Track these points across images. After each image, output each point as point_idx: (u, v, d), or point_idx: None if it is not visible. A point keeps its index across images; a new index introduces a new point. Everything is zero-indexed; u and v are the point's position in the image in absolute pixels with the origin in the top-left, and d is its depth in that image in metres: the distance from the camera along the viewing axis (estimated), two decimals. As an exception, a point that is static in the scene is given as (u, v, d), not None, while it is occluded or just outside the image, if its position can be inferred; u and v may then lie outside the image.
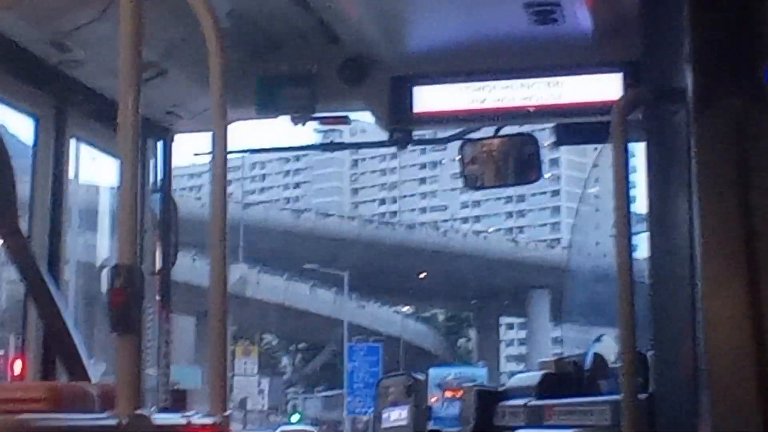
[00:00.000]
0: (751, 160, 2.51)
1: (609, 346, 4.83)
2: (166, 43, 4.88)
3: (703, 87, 2.65)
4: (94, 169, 5.62)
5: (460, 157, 5.67)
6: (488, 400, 5.14)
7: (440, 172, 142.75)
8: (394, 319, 78.18)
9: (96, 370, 4.41)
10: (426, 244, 75.59)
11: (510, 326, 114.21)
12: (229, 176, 3.16)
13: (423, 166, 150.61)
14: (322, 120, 5.82)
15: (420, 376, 5.89)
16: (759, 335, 2.39)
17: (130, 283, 2.77)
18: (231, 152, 3.24)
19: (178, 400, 5.23)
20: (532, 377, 5.27)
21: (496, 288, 78.87)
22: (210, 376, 2.96)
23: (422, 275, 73.00)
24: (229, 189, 4.46)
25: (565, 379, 5.02)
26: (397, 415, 5.51)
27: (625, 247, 3.92)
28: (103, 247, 6.30)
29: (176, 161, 5.83)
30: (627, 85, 5.12)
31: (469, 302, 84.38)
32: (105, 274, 4.72)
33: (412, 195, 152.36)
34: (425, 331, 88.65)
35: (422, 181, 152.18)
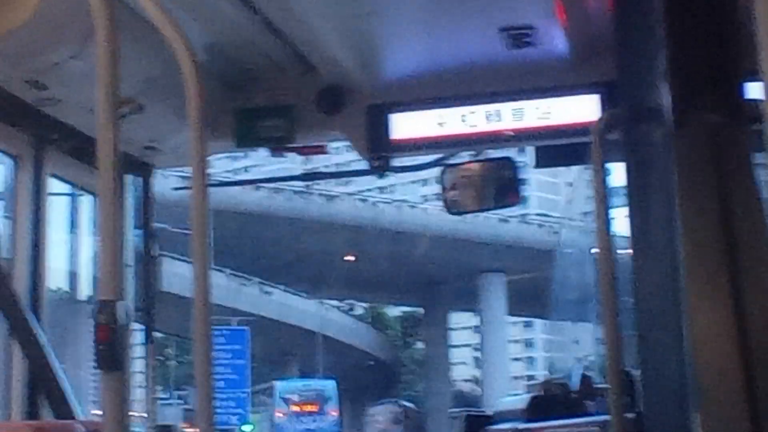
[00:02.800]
0: (729, 175, 2.52)
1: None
2: (143, 79, 4.88)
3: (680, 104, 2.66)
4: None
5: (440, 183, 5.68)
6: (477, 424, 5.14)
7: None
8: (319, 312, 61.50)
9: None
10: (351, 219, 56.29)
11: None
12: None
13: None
14: (301, 150, 5.82)
15: (409, 405, 5.87)
16: (745, 351, 2.39)
17: (114, 319, 2.76)
18: (211, 185, 3.24)
19: None
20: (521, 400, 5.26)
21: (442, 274, 63.65)
22: (197, 405, 2.94)
23: (349, 258, 57.24)
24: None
25: (553, 400, 5.02)
26: (386, 443, 5.49)
27: (608, 266, 3.93)
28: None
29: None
30: (604, 105, 5.15)
31: (418, 295, 68.61)
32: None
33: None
34: (361, 329, 73.30)
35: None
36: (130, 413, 4.87)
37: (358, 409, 64.40)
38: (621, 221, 3.92)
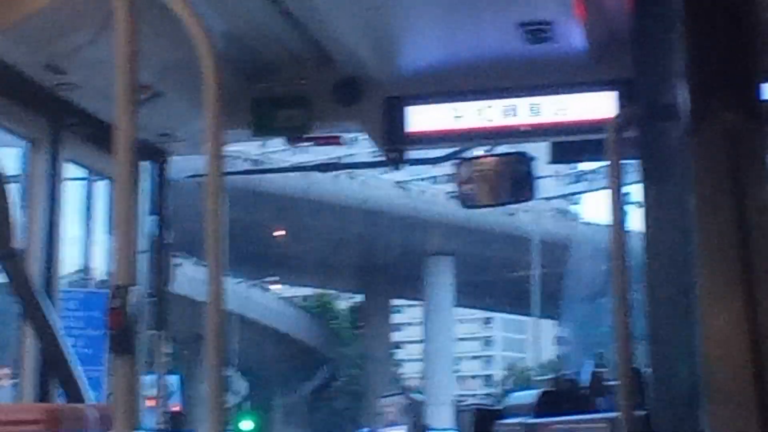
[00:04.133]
0: (745, 175, 2.52)
1: None
2: (161, 66, 4.89)
3: (697, 103, 2.66)
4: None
5: (455, 176, 5.68)
6: (486, 418, 5.14)
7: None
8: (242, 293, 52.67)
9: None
10: (280, 189, 45.41)
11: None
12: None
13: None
14: (317, 140, 5.83)
15: (419, 396, 5.87)
16: (757, 352, 2.39)
17: (128, 304, 2.77)
18: (227, 173, 3.25)
19: (176, 422, 5.23)
20: (531, 395, 5.27)
21: (384, 256, 54.37)
22: (209, 396, 2.95)
23: (278, 234, 49.33)
24: None
25: (563, 396, 5.02)
26: (395, 434, 5.51)
27: (621, 263, 3.93)
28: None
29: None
30: (621, 102, 5.14)
31: (357, 279, 58.85)
32: None
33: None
34: (297, 317, 64.64)
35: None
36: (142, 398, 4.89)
37: (276, 406, 60.64)
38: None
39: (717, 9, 2.69)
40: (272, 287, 62.02)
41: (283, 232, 49.68)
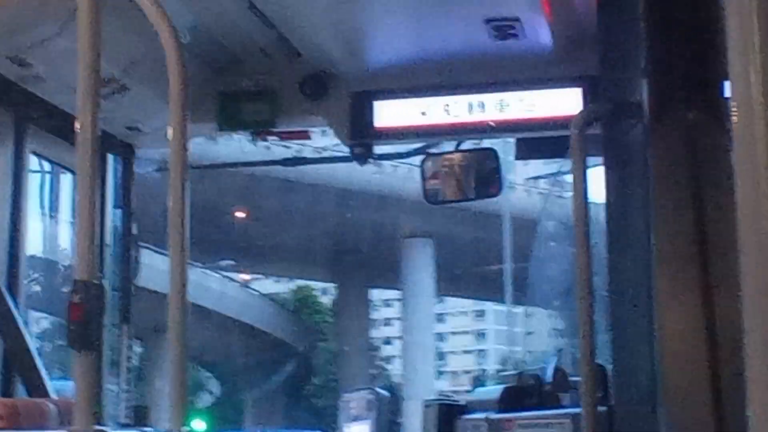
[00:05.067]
0: (705, 173, 2.54)
1: None
2: (126, 59, 4.87)
3: (659, 101, 2.68)
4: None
5: (421, 172, 5.69)
6: (450, 414, 5.15)
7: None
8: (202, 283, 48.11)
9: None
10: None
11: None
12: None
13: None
14: (283, 135, 5.82)
15: (384, 392, 5.89)
16: (713, 348, 2.41)
17: (89, 299, 2.76)
18: (193, 167, 3.24)
19: (139, 416, 5.21)
20: (494, 391, 5.28)
21: (357, 239, 48.56)
22: (169, 390, 2.95)
23: (239, 215, 44.48)
24: None
25: (527, 392, 5.04)
26: (360, 429, 5.51)
27: (585, 260, 3.94)
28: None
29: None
30: (586, 99, 5.16)
31: (329, 266, 53.59)
32: None
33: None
34: (270, 311, 60.22)
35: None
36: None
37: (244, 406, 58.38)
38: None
39: (678, 7, 2.71)
40: (241, 276, 58.48)
41: (243, 214, 44.47)
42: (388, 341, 73.18)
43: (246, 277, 60.14)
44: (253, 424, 57.77)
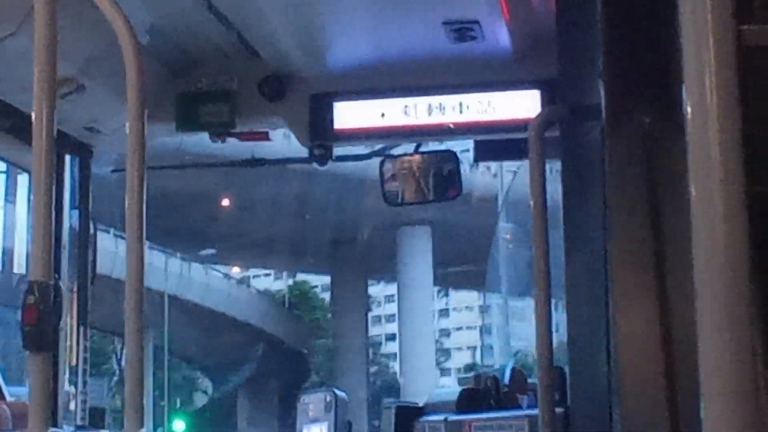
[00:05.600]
0: (661, 176, 2.55)
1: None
2: (84, 59, 4.85)
3: (616, 104, 2.69)
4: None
5: (380, 173, 5.69)
6: (408, 416, 5.16)
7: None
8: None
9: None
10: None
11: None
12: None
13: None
14: (242, 136, 5.81)
15: (341, 393, 5.88)
16: (669, 353, 2.42)
17: (44, 300, 2.74)
18: (150, 168, 3.23)
19: (95, 419, 5.18)
20: (452, 393, 5.29)
21: (352, 227, 46.05)
22: (126, 392, 2.93)
23: (225, 203, 41.56)
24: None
25: (484, 394, 5.05)
26: (317, 431, 5.51)
27: (543, 262, 3.96)
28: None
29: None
30: (544, 102, 5.19)
31: (322, 256, 50.18)
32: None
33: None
34: (264, 307, 57.85)
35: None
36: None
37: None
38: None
39: (636, 11, 2.72)
40: (234, 270, 56.03)
41: (230, 202, 41.55)
42: (392, 337, 67.87)
43: (236, 269, 57.33)
44: (247, 425, 56.33)
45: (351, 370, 49.63)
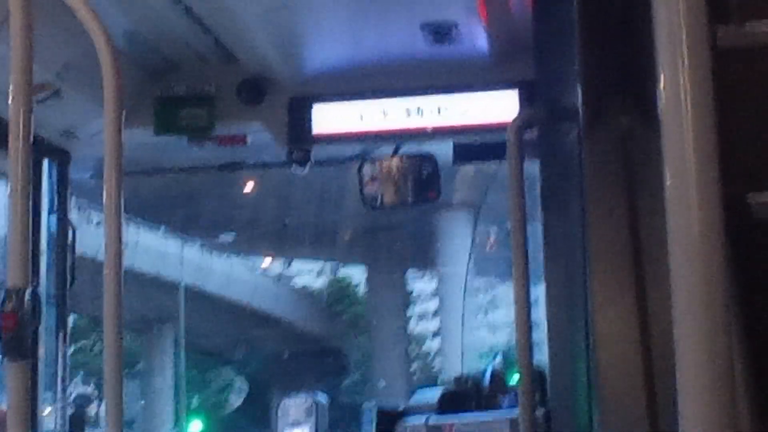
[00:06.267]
0: (638, 178, 2.56)
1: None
2: (61, 64, 4.83)
3: (590, 106, 2.70)
4: None
5: (359, 176, 5.69)
6: (389, 418, 5.16)
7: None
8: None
9: None
10: None
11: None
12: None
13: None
14: (220, 141, 5.80)
15: (322, 399, 5.88)
16: (647, 354, 2.43)
17: (22, 307, 2.73)
18: (128, 173, 3.22)
19: (75, 425, 5.16)
20: (433, 395, 5.29)
21: (389, 215, 36.94)
22: (105, 396, 2.93)
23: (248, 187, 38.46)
24: None
25: (465, 395, 5.06)
26: (299, 435, 5.51)
27: (522, 263, 3.97)
28: None
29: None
30: (522, 104, 5.19)
31: (357, 245, 45.09)
32: None
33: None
34: (312, 306, 54.70)
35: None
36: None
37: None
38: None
39: (612, 12, 2.73)
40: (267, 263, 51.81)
41: (255, 187, 37.93)
42: (437, 334, 66.27)
43: (267, 262, 53.14)
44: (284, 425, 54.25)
45: (389, 366, 45.69)
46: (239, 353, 52.02)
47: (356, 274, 58.95)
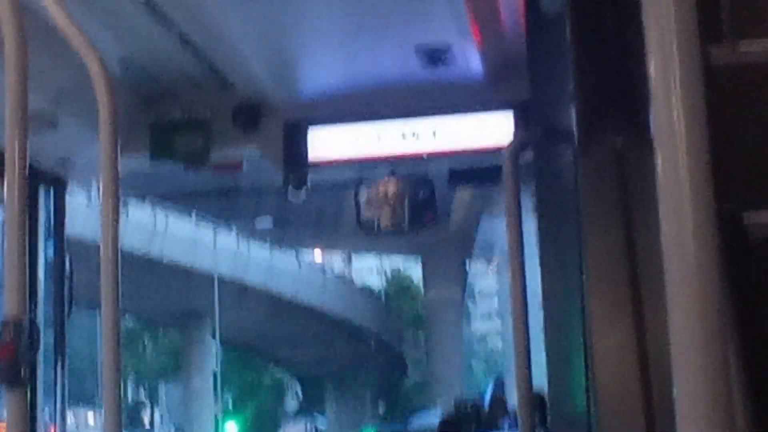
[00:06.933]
0: (633, 197, 2.56)
1: None
2: (55, 92, 4.84)
3: (585, 126, 2.70)
4: None
5: (354, 200, 5.69)
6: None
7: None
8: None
9: None
10: None
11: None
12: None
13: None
14: (215, 169, 5.80)
15: (321, 426, 5.86)
16: (645, 373, 2.43)
17: (19, 337, 2.72)
18: (126, 198, 3.22)
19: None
20: (433, 417, 5.29)
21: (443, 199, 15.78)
22: (104, 414, 2.92)
23: None
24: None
25: (465, 418, 5.05)
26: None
27: (519, 287, 3.96)
28: None
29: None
30: (517, 125, 5.20)
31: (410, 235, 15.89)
32: None
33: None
34: (368, 303, 51.42)
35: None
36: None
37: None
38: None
39: (605, 33, 2.74)
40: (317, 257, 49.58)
41: None
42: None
43: (318, 254, 50.86)
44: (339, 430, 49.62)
45: (446, 365, 42.96)
46: (292, 355, 48.69)
47: (417, 271, 54.63)
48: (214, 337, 41.73)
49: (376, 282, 58.55)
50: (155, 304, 38.67)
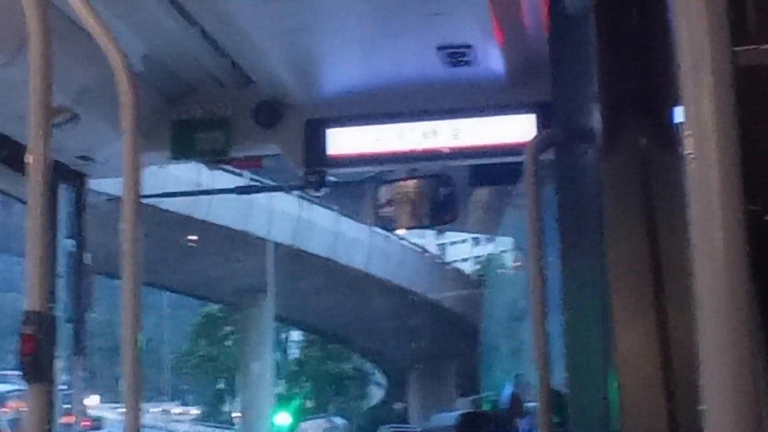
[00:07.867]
0: (657, 198, 2.55)
1: None
2: (78, 88, 4.85)
3: (609, 126, 2.70)
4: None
5: (374, 199, 5.69)
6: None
7: None
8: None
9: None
10: None
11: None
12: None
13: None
14: (237, 163, 5.81)
15: (340, 421, 5.86)
16: (668, 372, 2.42)
17: (41, 330, 2.73)
18: (145, 196, 3.23)
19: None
20: (451, 417, 5.28)
21: None
22: (125, 406, 2.93)
23: None
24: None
25: (484, 418, 5.04)
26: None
27: (539, 285, 3.95)
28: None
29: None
30: (540, 125, 5.18)
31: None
32: None
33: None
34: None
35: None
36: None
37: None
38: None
39: (629, 32, 2.73)
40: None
41: None
42: None
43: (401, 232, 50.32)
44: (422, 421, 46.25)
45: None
46: (376, 343, 46.45)
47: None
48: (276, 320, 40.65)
49: (468, 268, 57.34)
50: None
